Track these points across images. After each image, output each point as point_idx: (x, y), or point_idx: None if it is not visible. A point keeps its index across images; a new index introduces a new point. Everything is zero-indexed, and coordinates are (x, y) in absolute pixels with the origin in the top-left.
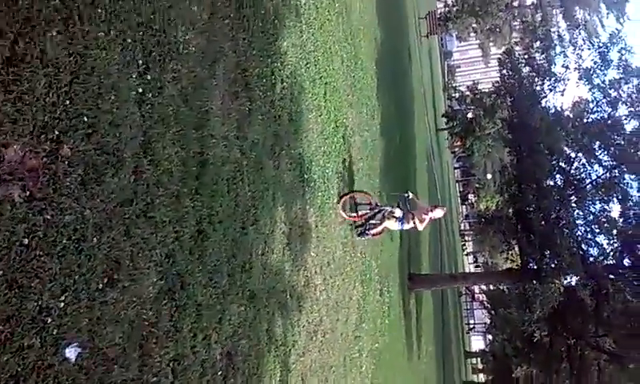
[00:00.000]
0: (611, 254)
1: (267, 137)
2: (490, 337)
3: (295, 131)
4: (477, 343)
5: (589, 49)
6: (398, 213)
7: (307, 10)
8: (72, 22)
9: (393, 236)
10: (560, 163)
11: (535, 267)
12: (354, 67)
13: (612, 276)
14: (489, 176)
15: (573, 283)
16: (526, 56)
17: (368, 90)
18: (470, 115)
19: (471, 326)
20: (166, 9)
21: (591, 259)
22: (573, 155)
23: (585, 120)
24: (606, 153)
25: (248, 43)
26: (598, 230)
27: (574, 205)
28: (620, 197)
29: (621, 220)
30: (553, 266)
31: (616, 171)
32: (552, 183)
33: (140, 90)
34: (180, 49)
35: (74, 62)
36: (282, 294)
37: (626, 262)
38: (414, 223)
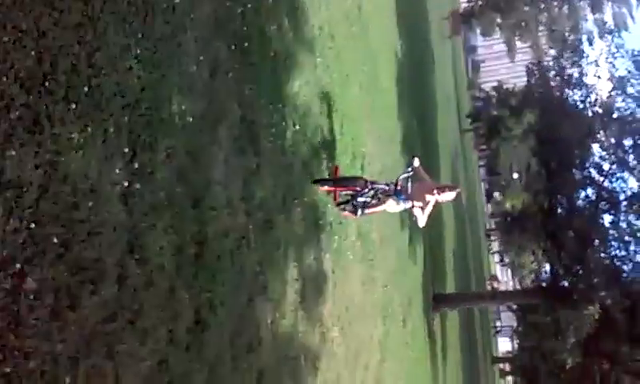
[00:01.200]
0: None
1: (277, 190)
2: (517, 341)
3: (309, 176)
4: (504, 345)
5: (622, 57)
6: (390, 188)
7: (322, 40)
8: (39, 128)
9: (416, 260)
10: (592, 175)
11: (567, 286)
12: (374, 90)
13: None
14: (515, 175)
15: (606, 303)
16: (555, 67)
17: (388, 109)
18: (495, 113)
19: (498, 329)
20: (158, 80)
21: (624, 276)
22: (606, 167)
23: (615, 115)
24: None
25: (255, 93)
26: (632, 246)
27: (608, 223)
28: None
29: None
30: (585, 287)
31: None
32: (584, 196)
33: (125, 184)
34: (175, 121)
35: (41, 175)
36: (294, 360)
37: None
38: (413, 208)
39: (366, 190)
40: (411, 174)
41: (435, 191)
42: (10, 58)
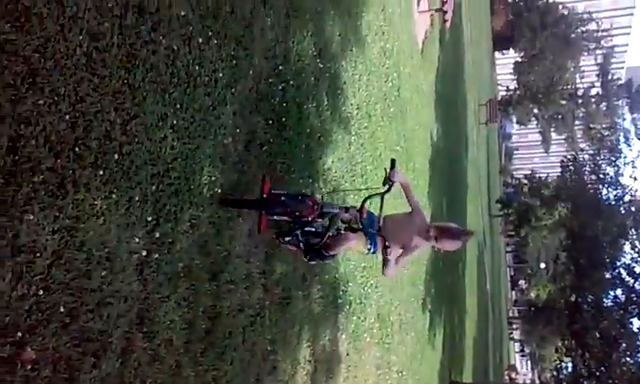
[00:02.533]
0: None
1: (299, 265)
2: None
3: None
4: None
5: None
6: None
7: (358, 119)
8: (62, 193)
9: (435, 344)
10: (623, 276)
11: None
12: (406, 170)
13: None
14: (542, 265)
15: None
16: (591, 163)
17: (419, 189)
18: (526, 201)
19: None
20: (192, 150)
21: None
22: (638, 270)
23: None
24: None
25: (287, 167)
26: None
27: (636, 328)
28: None
29: None
30: None
31: None
32: (613, 297)
33: (144, 253)
34: (203, 192)
35: (57, 240)
36: None
37: None
38: (386, 253)
39: (314, 216)
40: (388, 193)
41: (432, 232)
42: (42, 121)
